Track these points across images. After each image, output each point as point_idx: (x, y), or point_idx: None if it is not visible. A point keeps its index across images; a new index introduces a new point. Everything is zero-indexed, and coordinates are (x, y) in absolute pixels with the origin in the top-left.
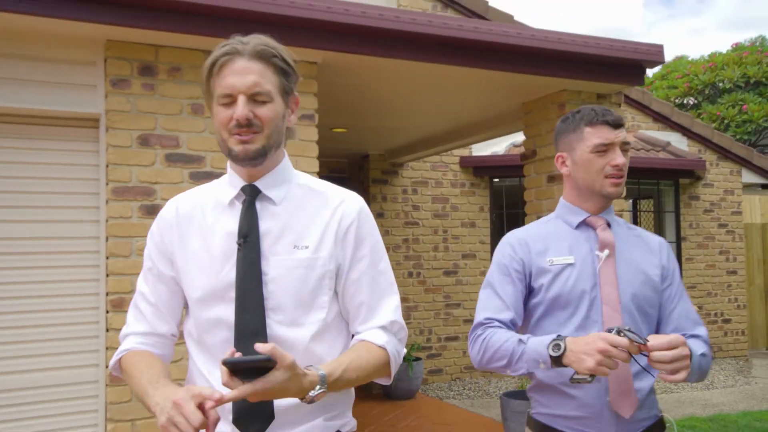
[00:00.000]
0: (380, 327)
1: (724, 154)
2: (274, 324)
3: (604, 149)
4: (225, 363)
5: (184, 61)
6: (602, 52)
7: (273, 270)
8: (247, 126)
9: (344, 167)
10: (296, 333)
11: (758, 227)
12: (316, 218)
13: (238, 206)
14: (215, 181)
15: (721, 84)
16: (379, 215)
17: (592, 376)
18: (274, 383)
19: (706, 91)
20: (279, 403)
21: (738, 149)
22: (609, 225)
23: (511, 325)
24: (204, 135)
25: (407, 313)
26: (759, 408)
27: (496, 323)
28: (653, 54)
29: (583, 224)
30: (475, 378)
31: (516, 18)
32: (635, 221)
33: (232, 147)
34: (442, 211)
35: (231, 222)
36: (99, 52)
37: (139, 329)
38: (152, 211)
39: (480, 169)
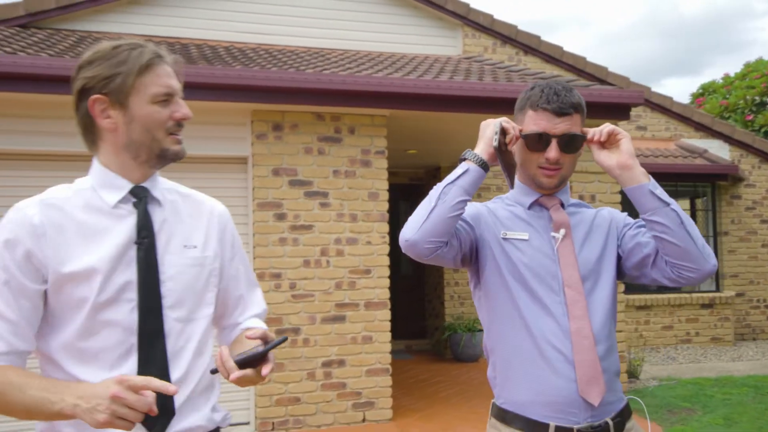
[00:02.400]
0: (256, 315)
1: (765, 157)
2: (172, 321)
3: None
4: (251, 356)
5: (299, 120)
6: (595, 99)
7: (169, 269)
8: (181, 126)
9: (421, 176)
10: (192, 328)
11: None
12: (196, 219)
13: (125, 208)
14: (64, 187)
15: None
16: None
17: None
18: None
19: None
20: (176, 398)
21: None
22: (563, 205)
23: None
24: (312, 167)
25: (470, 292)
26: None
27: None
28: (635, 98)
29: (536, 204)
30: None
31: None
32: None
33: (169, 147)
34: None
35: (120, 224)
36: (248, 117)
37: None
38: (282, 217)
39: None
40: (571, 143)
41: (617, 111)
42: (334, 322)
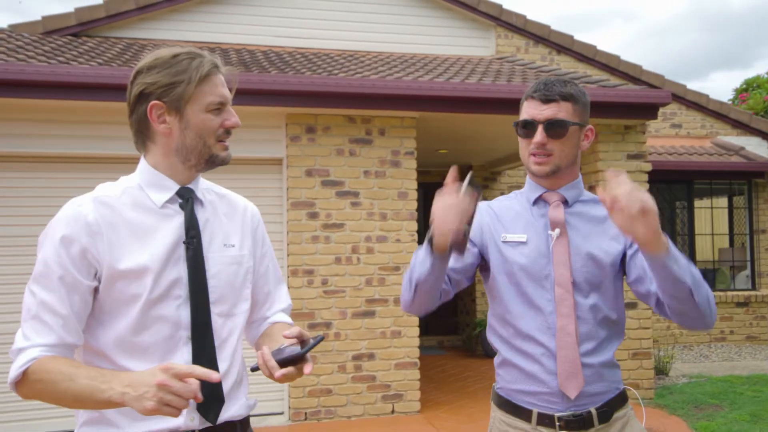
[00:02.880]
0: (282, 310)
1: None
2: (215, 316)
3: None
4: (291, 356)
5: (331, 123)
6: (622, 99)
7: (213, 267)
8: (229, 134)
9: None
10: (233, 322)
11: None
12: (231, 219)
13: (172, 208)
14: (112, 185)
15: None
16: None
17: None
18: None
19: None
20: (224, 387)
21: None
22: (567, 202)
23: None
24: (344, 168)
25: None
26: None
27: None
28: (663, 98)
29: (540, 200)
30: None
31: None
32: (711, 217)
33: (218, 153)
34: None
35: (168, 223)
36: (282, 120)
37: (45, 341)
38: (314, 216)
39: None
40: (556, 127)
41: (645, 111)
42: (364, 317)
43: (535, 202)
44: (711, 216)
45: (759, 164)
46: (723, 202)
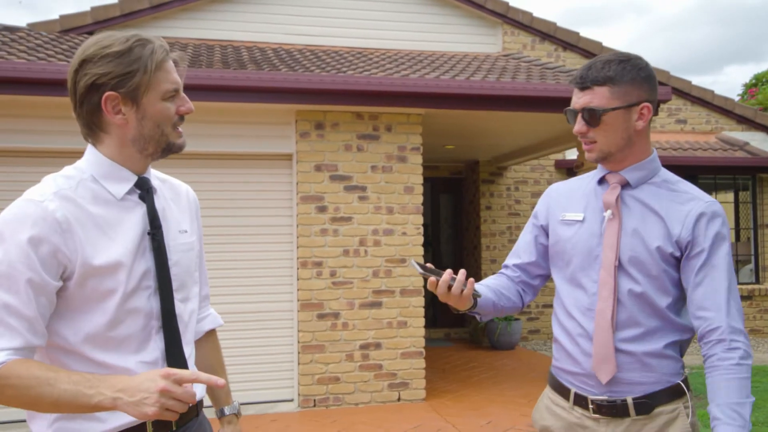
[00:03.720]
0: (205, 295)
1: None
2: (178, 302)
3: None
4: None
5: (340, 119)
6: None
7: (174, 255)
8: (183, 120)
9: (461, 169)
10: (191, 306)
11: None
12: (178, 204)
13: (131, 199)
14: (63, 177)
15: None
16: (487, 208)
17: None
18: None
19: None
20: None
21: None
22: (629, 183)
23: (514, 268)
24: (352, 163)
25: None
26: None
27: (504, 269)
28: (663, 95)
29: (604, 180)
30: None
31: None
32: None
33: (175, 141)
34: None
35: (130, 215)
36: (292, 117)
37: (12, 345)
38: (323, 210)
39: (572, 169)
40: (590, 117)
41: None
42: (371, 307)
43: (600, 182)
44: None
45: (763, 159)
46: (728, 197)
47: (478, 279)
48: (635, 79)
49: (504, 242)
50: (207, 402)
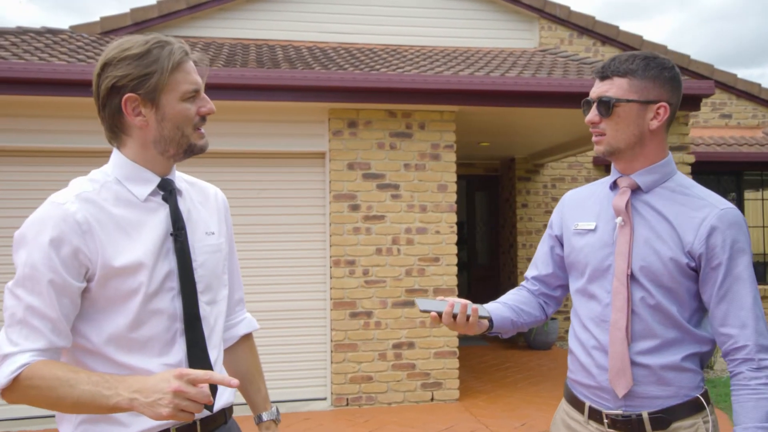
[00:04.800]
0: (240, 299)
1: None
2: (203, 305)
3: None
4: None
5: (373, 117)
6: None
7: (199, 256)
8: (204, 121)
9: (497, 167)
10: (218, 309)
11: None
12: (206, 207)
13: (155, 201)
14: (87, 180)
15: None
16: (523, 206)
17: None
18: None
19: None
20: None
21: None
22: (640, 188)
23: (533, 281)
24: (384, 161)
25: None
26: None
27: (525, 282)
28: (705, 89)
29: (615, 185)
30: None
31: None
32: (762, 209)
33: (196, 142)
34: None
35: (153, 216)
36: (325, 115)
37: (35, 346)
38: (356, 208)
39: (610, 166)
40: (602, 106)
41: (687, 102)
42: (404, 306)
43: (613, 187)
44: (762, 208)
45: None
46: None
47: (513, 278)
48: (657, 77)
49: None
50: (240, 409)
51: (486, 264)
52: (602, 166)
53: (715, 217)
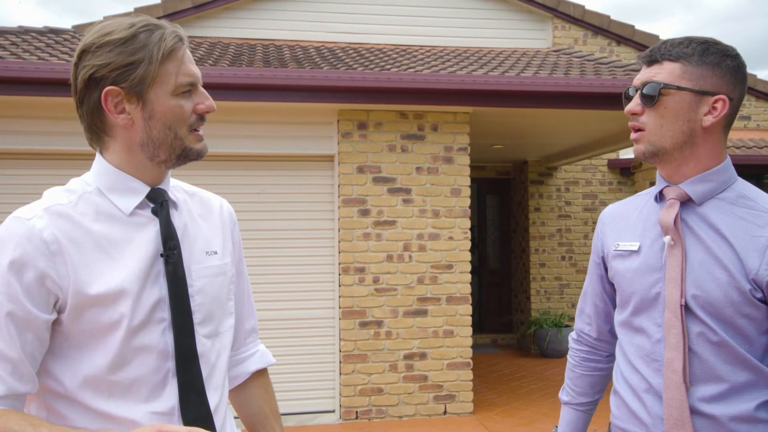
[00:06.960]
0: (252, 328)
1: None
2: (202, 338)
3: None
4: None
5: (383, 119)
6: None
7: (197, 281)
8: (203, 120)
9: (509, 170)
10: (221, 342)
11: None
12: (208, 221)
13: (143, 214)
14: (63, 190)
15: None
16: (536, 209)
17: None
18: None
19: None
20: (216, 422)
21: None
22: (691, 198)
23: (597, 343)
24: (396, 164)
25: (561, 289)
26: None
27: (584, 341)
28: None
29: (661, 196)
30: None
31: None
32: None
33: (192, 145)
34: (591, 205)
35: (140, 233)
36: (334, 116)
37: None
38: (366, 213)
39: (626, 169)
40: (647, 92)
41: None
42: (416, 315)
43: (659, 199)
44: None
45: None
46: None
47: (525, 284)
48: (718, 64)
49: (554, 245)
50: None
51: (497, 269)
52: (617, 169)
53: None
